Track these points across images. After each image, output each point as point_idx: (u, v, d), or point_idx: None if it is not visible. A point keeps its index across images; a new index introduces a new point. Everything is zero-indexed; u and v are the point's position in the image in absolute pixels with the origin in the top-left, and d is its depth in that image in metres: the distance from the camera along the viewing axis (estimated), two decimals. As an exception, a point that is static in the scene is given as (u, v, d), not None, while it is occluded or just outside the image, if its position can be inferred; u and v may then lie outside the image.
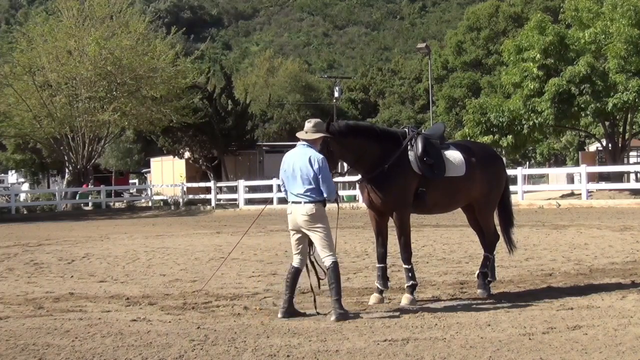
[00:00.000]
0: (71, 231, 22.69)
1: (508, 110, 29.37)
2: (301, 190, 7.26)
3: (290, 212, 7.35)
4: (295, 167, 7.33)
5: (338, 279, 7.17)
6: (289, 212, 7.37)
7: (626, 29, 27.13)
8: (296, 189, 7.30)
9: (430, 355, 5.70)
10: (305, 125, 7.59)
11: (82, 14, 38.10)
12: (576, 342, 5.94)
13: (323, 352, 5.86)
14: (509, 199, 9.22)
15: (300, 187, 7.27)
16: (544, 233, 15.77)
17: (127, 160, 56.33)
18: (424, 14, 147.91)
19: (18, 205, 38.23)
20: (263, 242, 16.15)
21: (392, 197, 7.95)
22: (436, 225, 18.38)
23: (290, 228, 7.42)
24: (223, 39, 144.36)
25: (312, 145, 7.43)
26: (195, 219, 28.60)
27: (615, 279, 9.23)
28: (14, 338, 6.67)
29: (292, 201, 7.35)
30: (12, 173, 66.76)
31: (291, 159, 7.42)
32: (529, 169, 38.35)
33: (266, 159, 42.75)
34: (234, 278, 10.46)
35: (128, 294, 9.16)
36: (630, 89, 27.09)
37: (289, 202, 7.39)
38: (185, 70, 38.56)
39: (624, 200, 25.26)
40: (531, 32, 29.83)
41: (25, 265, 12.95)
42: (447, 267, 10.82)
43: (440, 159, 8.17)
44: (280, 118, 66.67)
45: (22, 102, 36.42)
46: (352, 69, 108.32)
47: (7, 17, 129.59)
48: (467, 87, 54.03)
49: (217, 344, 6.23)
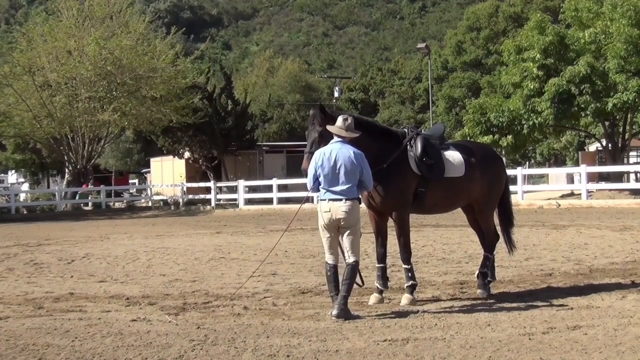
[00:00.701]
0: (71, 231, 22.69)
1: (508, 110, 29.37)
2: (344, 187, 7.20)
3: (328, 210, 7.21)
4: (338, 164, 7.23)
5: (353, 278, 7.26)
6: (326, 210, 7.22)
7: (626, 29, 27.13)
8: (338, 186, 7.21)
9: (430, 355, 5.70)
10: (340, 121, 7.44)
11: (82, 14, 38.12)
12: (576, 342, 5.94)
13: (323, 352, 5.86)
14: (509, 199, 9.22)
15: (343, 184, 7.21)
16: (543, 233, 15.76)
17: (127, 160, 56.30)
18: (424, 14, 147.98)
19: (18, 205, 38.25)
20: (263, 242, 16.15)
21: (391, 197, 7.95)
22: (436, 225, 18.38)
23: (325, 226, 7.27)
24: (223, 39, 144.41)
25: (347, 142, 7.39)
26: (195, 219, 28.59)
27: (615, 279, 9.23)
28: (14, 338, 6.67)
29: (330, 198, 7.22)
30: (12, 173, 66.74)
31: (331, 155, 7.27)
32: (528, 169, 38.35)
33: (266, 159, 42.75)
34: (234, 278, 10.46)
35: (128, 294, 9.16)
36: (630, 89, 27.09)
37: (325, 200, 7.24)
38: (185, 70, 38.59)
39: (623, 200, 25.27)
40: (531, 32, 29.83)
41: (25, 265, 12.95)
42: (447, 267, 10.81)
43: (439, 160, 8.17)
44: (280, 118, 66.66)
45: (22, 102, 36.42)
46: (352, 69, 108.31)
47: (7, 17, 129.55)
48: (467, 87, 54.04)
49: (217, 344, 6.23)
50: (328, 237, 7.32)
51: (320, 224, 7.34)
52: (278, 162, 42.46)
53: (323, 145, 7.59)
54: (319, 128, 7.70)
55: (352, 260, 7.23)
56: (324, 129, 7.65)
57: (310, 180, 7.37)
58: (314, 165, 7.32)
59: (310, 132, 7.82)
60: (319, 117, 7.76)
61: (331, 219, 7.22)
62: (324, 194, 7.27)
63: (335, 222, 7.22)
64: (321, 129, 7.68)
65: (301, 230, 18.96)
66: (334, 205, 7.20)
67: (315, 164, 7.31)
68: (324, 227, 7.30)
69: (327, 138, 7.59)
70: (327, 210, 7.22)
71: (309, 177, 7.39)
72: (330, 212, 7.21)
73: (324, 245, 7.39)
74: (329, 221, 7.23)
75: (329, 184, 7.25)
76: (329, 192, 7.25)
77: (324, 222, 7.27)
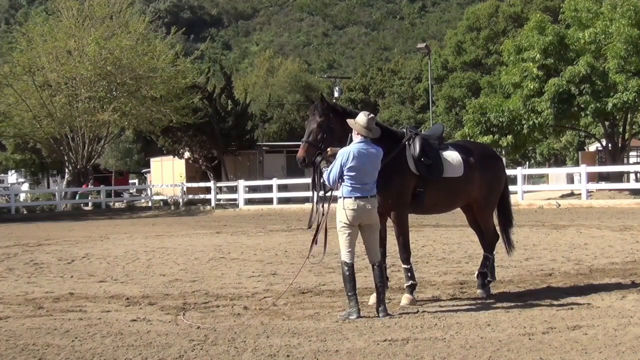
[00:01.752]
0: (71, 231, 22.68)
1: (508, 110, 29.38)
2: (370, 185, 7.31)
3: (355, 207, 7.22)
4: (368, 162, 7.28)
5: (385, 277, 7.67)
6: (352, 207, 7.22)
7: (626, 29, 27.13)
8: (366, 185, 7.27)
9: (430, 355, 5.70)
10: (364, 120, 7.38)
11: (82, 14, 38.10)
12: (576, 342, 5.94)
13: (323, 352, 5.86)
14: (509, 199, 9.21)
15: (369, 183, 7.30)
16: (543, 233, 15.76)
17: (126, 160, 56.31)
18: (423, 14, 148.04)
19: (18, 205, 38.22)
20: (263, 242, 16.16)
21: (390, 197, 7.93)
22: (436, 225, 18.38)
23: (348, 224, 7.25)
24: (223, 39, 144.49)
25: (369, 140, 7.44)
26: (195, 219, 28.59)
27: (615, 279, 9.23)
28: (14, 338, 6.68)
29: (356, 196, 7.23)
30: (12, 173, 66.73)
31: (363, 154, 7.27)
32: (528, 169, 38.33)
33: (266, 159, 42.75)
34: (234, 278, 10.46)
35: (128, 294, 9.15)
36: (630, 89, 27.09)
37: (352, 198, 7.23)
38: (185, 70, 38.57)
39: (623, 200, 25.26)
40: (531, 32, 29.84)
41: (25, 265, 12.94)
42: (447, 267, 10.81)
43: (438, 160, 8.17)
44: (280, 118, 66.64)
45: (22, 102, 36.42)
46: (352, 69, 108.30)
47: (7, 17, 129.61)
48: (467, 87, 54.04)
49: (217, 344, 6.23)
50: (349, 234, 7.29)
51: (343, 222, 7.29)
52: (278, 162, 42.47)
53: (321, 136, 7.64)
54: (318, 119, 7.70)
55: (379, 260, 7.39)
56: (323, 119, 7.67)
57: (335, 176, 7.32)
58: (339, 162, 7.28)
59: (309, 122, 7.81)
60: (320, 107, 7.76)
61: (357, 217, 7.25)
62: (350, 191, 7.27)
63: (360, 220, 7.26)
64: (320, 120, 7.68)
65: (301, 230, 18.95)
66: (361, 203, 7.23)
67: (341, 161, 7.27)
68: (347, 225, 7.28)
69: (325, 129, 7.61)
70: (354, 207, 7.23)
71: (334, 173, 7.32)
72: (357, 210, 7.23)
73: (343, 243, 7.32)
74: (354, 219, 7.24)
75: (356, 182, 7.26)
76: (356, 190, 7.25)
77: (349, 219, 7.25)
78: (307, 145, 7.70)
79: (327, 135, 7.74)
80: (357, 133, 7.40)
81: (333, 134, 7.76)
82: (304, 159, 7.73)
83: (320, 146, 7.74)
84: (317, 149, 7.73)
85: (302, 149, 7.70)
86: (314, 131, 7.72)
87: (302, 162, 7.77)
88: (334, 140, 7.79)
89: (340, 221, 7.31)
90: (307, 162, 7.73)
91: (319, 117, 7.72)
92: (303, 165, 7.86)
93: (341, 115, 7.83)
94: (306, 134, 7.77)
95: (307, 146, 7.70)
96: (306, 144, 7.70)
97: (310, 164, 7.79)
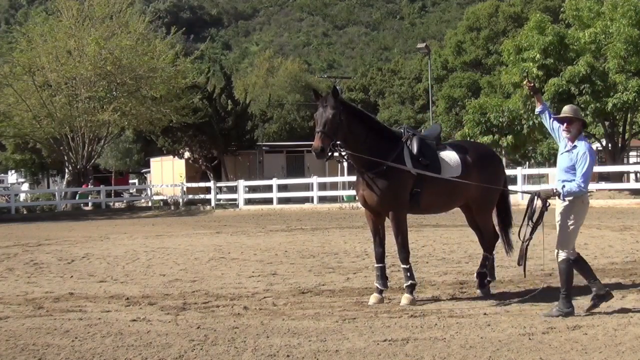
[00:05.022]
0: (71, 231, 22.68)
1: (508, 110, 29.38)
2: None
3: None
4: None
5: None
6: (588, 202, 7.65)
7: (626, 29, 27.13)
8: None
9: (430, 355, 5.70)
10: (571, 109, 7.62)
11: (82, 14, 38.06)
12: (576, 342, 5.95)
13: (323, 352, 5.86)
14: (508, 199, 9.19)
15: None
16: (544, 233, 15.71)
17: (126, 160, 56.20)
18: (423, 14, 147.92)
19: (18, 205, 38.20)
20: (263, 242, 16.15)
21: (387, 197, 7.93)
22: (436, 225, 18.38)
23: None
24: (223, 39, 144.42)
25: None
26: (195, 219, 28.59)
27: (615, 279, 9.23)
28: (14, 338, 6.68)
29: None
30: (12, 173, 66.70)
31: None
32: (528, 169, 38.30)
33: (266, 159, 42.76)
34: (234, 278, 10.46)
35: (128, 294, 9.15)
36: (630, 89, 27.10)
37: (587, 193, 7.53)
38: (185, 70, 38.56)
39: (623, 200, 25.28)
40: (531, 32, 29.84)
41: (25, 265, 12.94)
42: (447, 267, 10.81)
43: (435, 160, 8.17)
44: (280, 118, 66.60)
45: (22, 102, 36.39)
46: (352, 69, 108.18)
47: (7, 17, 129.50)
48: (466, 87, 54.00)
49: (217, 344, 6.23)
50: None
51: (583, 218, 7.48)
52: (278, 162, 42.47)
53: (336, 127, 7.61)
54: (331, 110, 7.66)
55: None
56: (336, 111, 7.63)
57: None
58: (593, 160, 7.30)
59: (322, 113, 7.69)
60: (332, 99, 7.74)
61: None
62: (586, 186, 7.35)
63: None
64: (334, 111, 7.64)
65: (301, 230, 18.96)
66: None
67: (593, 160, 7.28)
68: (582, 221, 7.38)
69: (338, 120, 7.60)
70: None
71: (590, 176, 7.39)
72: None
73: (573, 239, 7.53)
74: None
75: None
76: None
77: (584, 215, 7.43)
78: (322, 135, 7.60)
79: (339, 127, 7.70)
80: (567, 129, 7.52)
81: (342, 126, 7.73)
82: (322, 149, 7.59)
83: (333, 136, 7.67)
84: (332, 139, 7.66)
85: (317, 139, 7.57)
86: (329, 121, 7.65)
87: (320, 151, 7.61)
88: (344, 132, 7.78)
89: (580, 218, 7.38)
90: (324, 151, 7.63)
91: (331, 108, 7.70)
92: (320, 156, 7.70)
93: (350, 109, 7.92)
94: (320, 124, 7.65)
95: (323, 136, 7.61)
96: (322, 134, 7.60)
97: (326, 155, 7.68)
